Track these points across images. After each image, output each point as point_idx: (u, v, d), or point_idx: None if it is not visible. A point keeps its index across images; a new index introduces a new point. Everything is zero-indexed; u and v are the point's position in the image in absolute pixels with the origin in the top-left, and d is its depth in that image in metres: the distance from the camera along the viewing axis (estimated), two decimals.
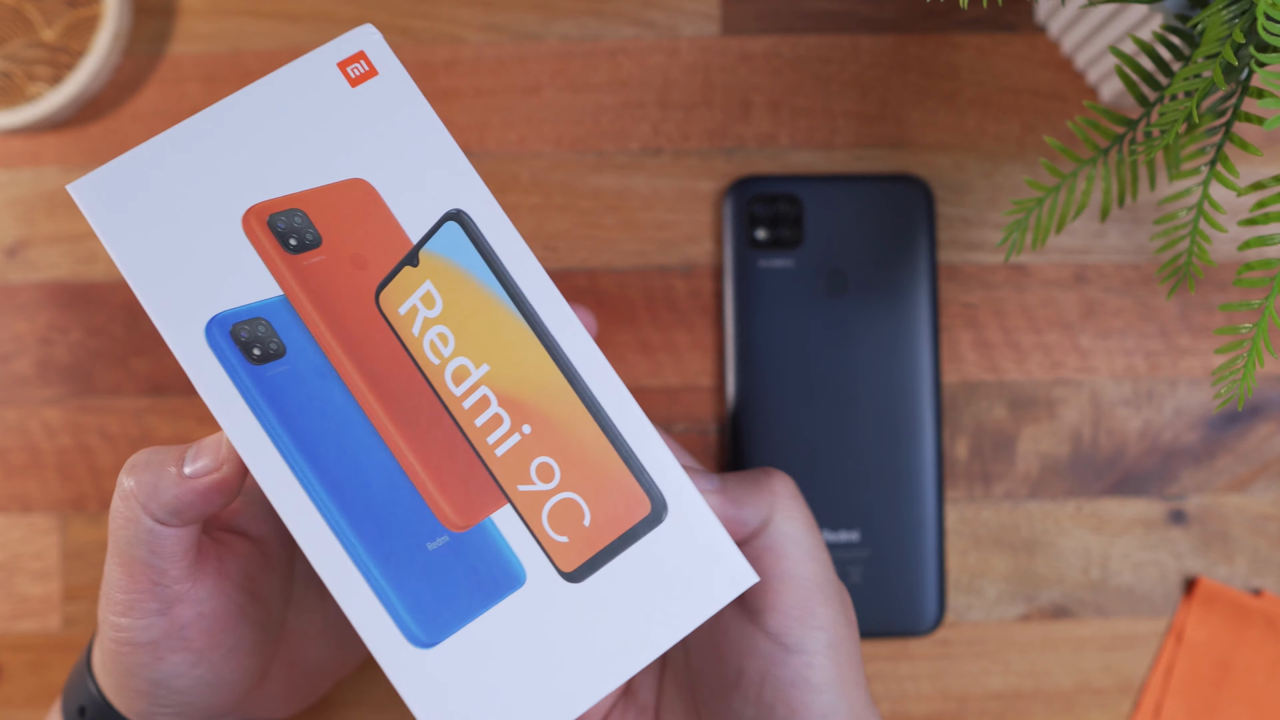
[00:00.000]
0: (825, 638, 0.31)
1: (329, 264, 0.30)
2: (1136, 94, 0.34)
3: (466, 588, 0.29)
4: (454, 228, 0.31)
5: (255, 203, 0.30)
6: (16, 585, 0.44)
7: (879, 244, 0.43)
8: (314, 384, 0.30)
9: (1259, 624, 0.43)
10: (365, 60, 0.31)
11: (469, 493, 0.30)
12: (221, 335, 0.29)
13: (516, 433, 0.30)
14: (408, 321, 0.30)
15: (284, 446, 0.29)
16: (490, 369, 0.30)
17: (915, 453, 0.43)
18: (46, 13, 0.45)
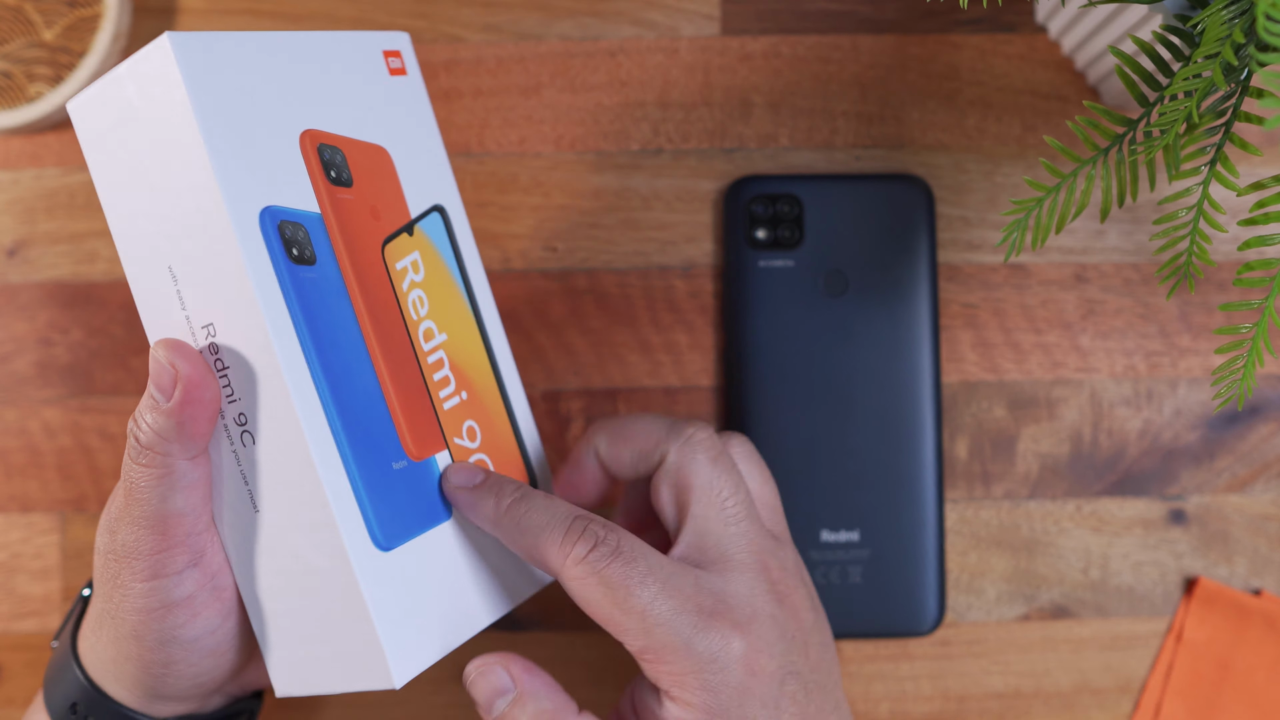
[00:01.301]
0: None
1: (355, 204, 0.34)
2: (1136, 94, 0.34)
3: (413, 509, 0.33)
4: (437, 218, 0.36)
5: (312, 127, 0.33)
6: (16, 585, 0.44)
7: (879, 244, 0.43)
8: (333, 298, 0.32)
9: (1259, 624, 0.43)
10: (400, 59, 0.36)
11: (424, 431, 0.34)
12: (272, 225, 0.31)
13: (457, 395, 0.35)
14: (401, 276, 0.34)
15: (305, 343, 0.31)
16: (448, 338, 0.36)
17: (915, 453, 0.43)
18: (47, 13, 0.45)
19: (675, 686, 0.31)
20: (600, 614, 0.31)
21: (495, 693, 0.32)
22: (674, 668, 0.31)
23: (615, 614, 0.31)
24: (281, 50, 0.32)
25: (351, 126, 0.34)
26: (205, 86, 0.30)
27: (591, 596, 0.31)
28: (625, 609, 0.31)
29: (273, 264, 0.30)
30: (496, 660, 0.32)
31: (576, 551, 0.31)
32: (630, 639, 0.31)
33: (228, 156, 0.30)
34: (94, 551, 0.34)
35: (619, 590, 0.31)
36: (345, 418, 0.31)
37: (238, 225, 0.30)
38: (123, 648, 0.33)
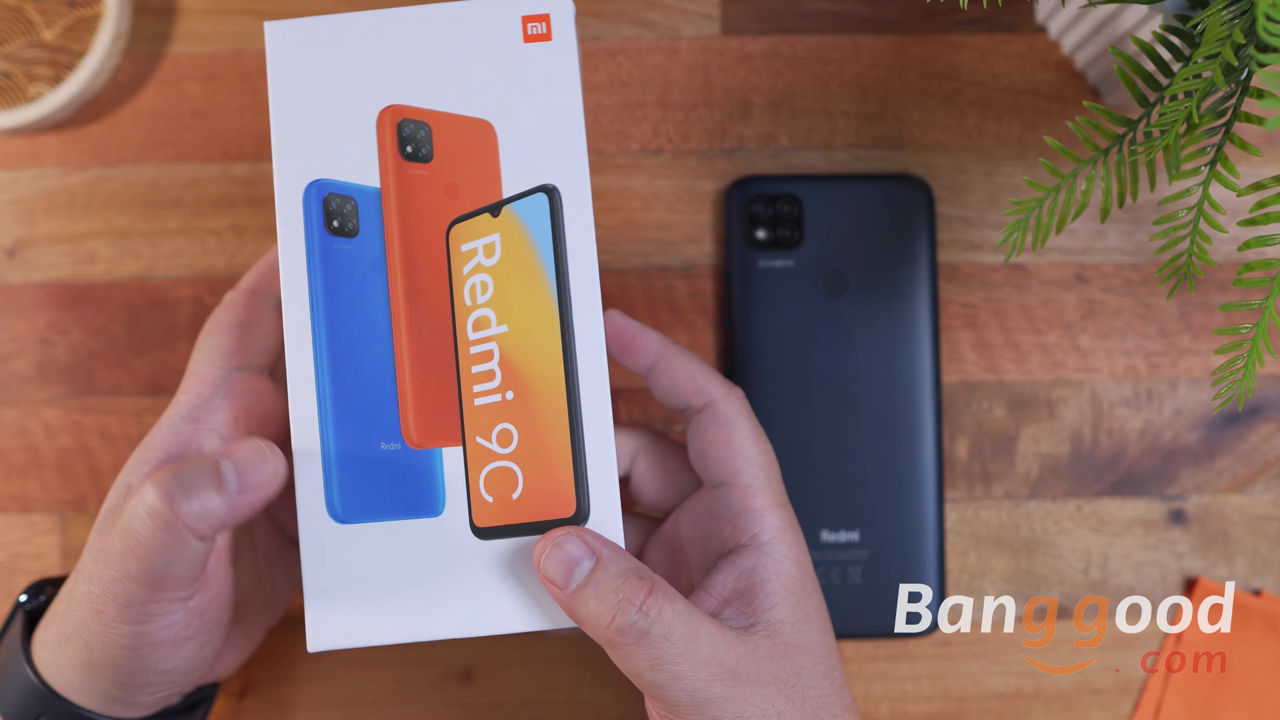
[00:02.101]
0: None
1: (427, 181, 0.33)
2: (1136, 94, 0.34)
3: (391, 493, 0.33)
4: (542, 200, 0.33)
5: (395, 102, 0.33)
6: (16, 585, 0.44)
7: (879, 244, 0.43)
8: (365, 272, 0.33)
9: (1259, 624, 0.43)
10: (547, 24, 0.34)
11: (437, 421, 0.33)
12: (316, 198, 0.33)
13: (500, 394, 0.33)
14: (465, 259, 0.33)
15: (316, 308, 0.33)
16: (508, 330, 0.33)
17: (915, 453, 0.43)
18: (46, 13, 0.45)
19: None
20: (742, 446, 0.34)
21: (572, 562, 0.30)
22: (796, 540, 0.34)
23: (766, 456, 0.34)
24: (387, 27, 0.33)
25: (454, 98, 0.33)
26: (287, 70, 0.33)
27: (746, 430, 0.34)
28: (767, 452, 0.35)
29: (306, 232, 0.33)
30: (565, 532, 0.31)
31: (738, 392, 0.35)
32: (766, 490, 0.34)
33: (289, 133, 0.33)
34: (82, 556, 0.34)
35: (764, 438, 0.35)
36: (337, 387, 0.33)
37: (281, 194, 0.33)
38: (95, 669, 0.33)
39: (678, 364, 0.35)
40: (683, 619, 0.30)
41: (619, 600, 0.29)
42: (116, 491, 0.33)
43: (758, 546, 0.33)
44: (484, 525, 0.32)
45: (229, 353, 0.35)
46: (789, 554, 0.33)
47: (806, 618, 0.33)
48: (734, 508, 0.34)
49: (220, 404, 0.34)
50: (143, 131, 0.45)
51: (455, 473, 0.33)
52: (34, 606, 0.37)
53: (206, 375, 0.35)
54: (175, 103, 0.45)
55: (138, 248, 0.45)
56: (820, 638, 0.33)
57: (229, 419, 0.34)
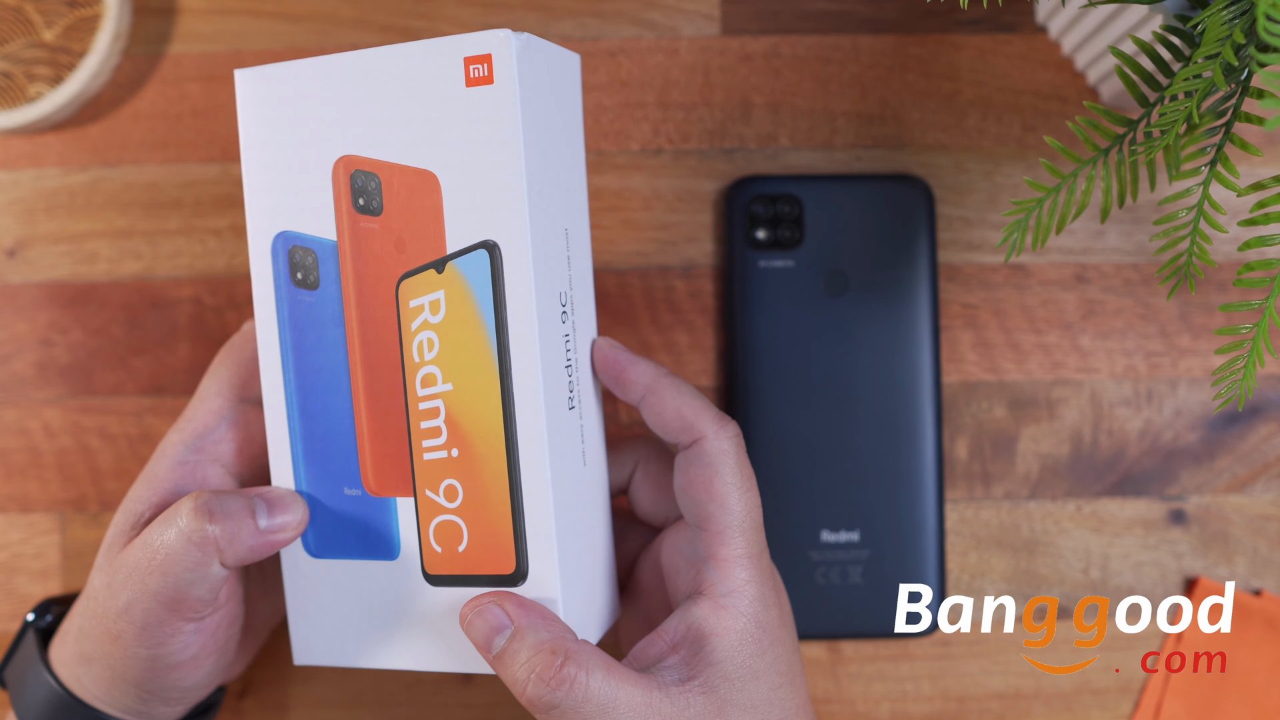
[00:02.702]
0: None
1: (378, 235, 0.33)
2: (1136, 94, 0.34)
3: (354, 536, 0.34)
4: (483, 256, 0.32)
5: (351, 152, 0.33)
6: (16, 585, 0.44)
7: (879, 244, 0.43)
8: (328, 326, 0.34)
9: (1259, 624, 0.43)
10: (489, 65, 0.31)
11: (391, 473, 0.34)
12: (283, 250, 0.34)
13: (445, 450, 0.33)
14: (413, 315, 0.33)
15: (287, 360, 0.34)
16: (453, 389, 0.33)
17: (915, 453, 0.43)
18: (46, 13, 0.45)
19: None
20: (717, 488, 0.33)
21: (492, 630, 0.31)
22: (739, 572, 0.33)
23: (732, 497, 0.33)
24: (343, 72, 0.32)
25: (397, 147, 0.32)
26: (255, 118, 0.34)
27: (725, 471, 0.33)
28: (744, 497, 0.33)
29: (274, 284, 0.34)
30: (490, 599, 0.32)
31: (730, 429, 0.34)
32: (723, 527, 0.33)
33: (260, 183, 0.34)
34: (91, 578, 0.34)
35: (747, 479, 0.34)
36: (306, 434, 0.34)
37: (254, 245, 0.34)
38: (119, 686, 0.34)
39: (667, 398, 0.34)
40: (598, 689, 0.30)
41: (530, 673, 0.30)
42: (124, 518, 0.34)
43: (714, 598, 0.32)
44: (434, 573, 0.34)
45: (239, 386, 0.36)
46: (746, 609, 0.32)
47: (753, 675, 0.32)
48: (701, 553, 0.33)
49: (225, 435, 0.35)
50: (143, 131, 0.45)
51: (408, 520, 0.34)
52: (43, 625, 0.38)
53: (214, 406, 0.35)
54: (175, 103, 0.45)
55: (138, 248, 0.45)
56: (769, 694, 0.32)
57: (233, 450, 0.35)
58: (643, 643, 0.33)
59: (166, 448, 0.35)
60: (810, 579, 0.43)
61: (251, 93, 0.34)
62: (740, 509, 0.33)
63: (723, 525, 0.33)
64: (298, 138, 0.33)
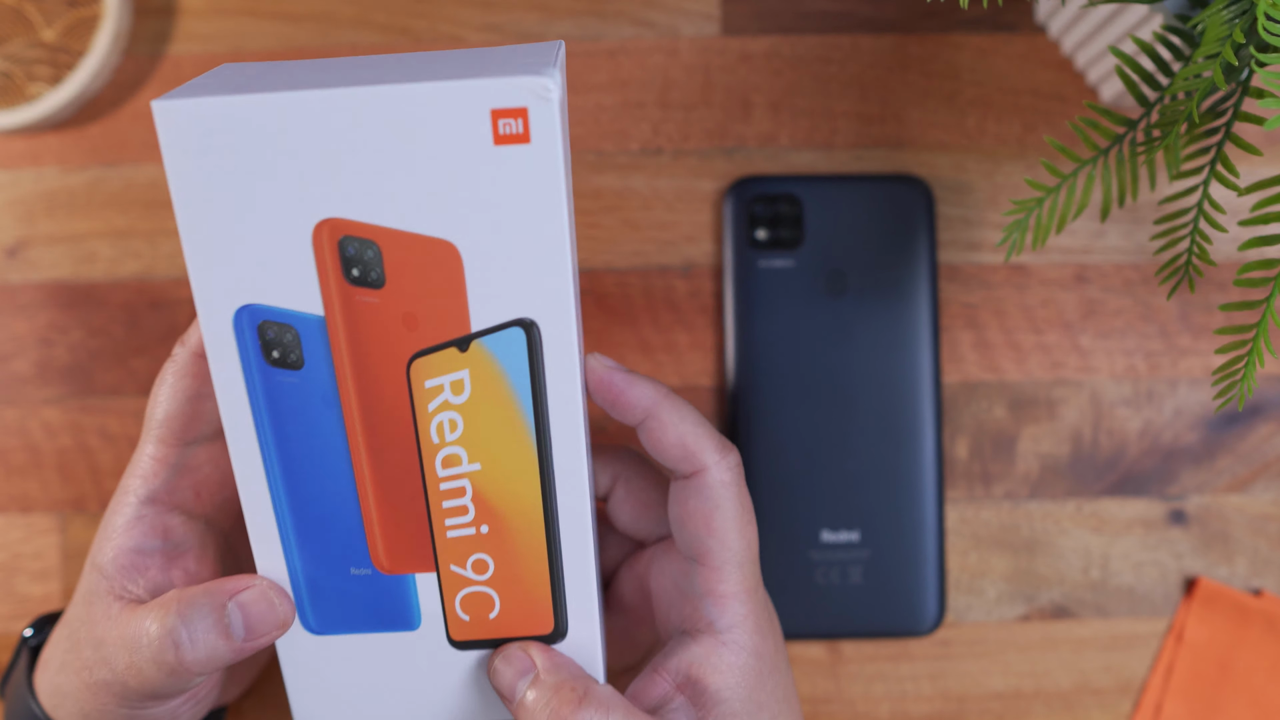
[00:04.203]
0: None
1: (379, 310, 0.28)
2: (1136, 94, 0.34)
3: (367, 612, 0.32)
4: (519, 335, 0.29)
5: (336, 216, 0.27)
6: (16, 585, 0.44)
7: (879, 244, 0.43)
8: (315, 406, 0.30)
9: (1259, 624, 0.43)
10: (524, 120, 0.26)
11: (407, 550, 0.31)
12: (249, 326, 0.28)
13: (474, 528, 0.31)
14: (429, 396, 0.30)
15: (265, 444, 0.30)
16: (481, 469, 0.30)
17: (915, 453, 0.43)
18: (46, 13, 0.45)
19: None
20: (716, 522, 0.32)
21: (517, 675, 0.31)
22: (737, 608, 0.33)
23: (732, 532, 0.32)
24: (321, 113, 0.26)
25: (408, 212, 0.27)
26: (187, 166, 0.26)
27: (726, 505, 0.32)
28: (743, 531, 0.32)
29: (242, 363, 0.29)
30: (518, 646, 0.32)
31: (731, 459, 0.32)
32: (721, 562, 0.32)
33: (204, 246, 0.27)
34: (73, 614, 0.34)
35: (747, 512, 0.33)
36: (298, 517, 0.31)
37: (207, 322, 0.28)
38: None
39: (668, 423, 0.32)
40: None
41: (549, 714, 0.30)
42: (92, 576, 0.33)
43: (714, 634, 0.32)
44: (460, 639, 0.32)
45: (181, 430, 0.33)
46: (746, 643, 0.32)
47: (758, 708, 0.32)
48: (699, 588, 0.33)
49: (179, 483, 0.33)
50: (143, 131, 0.45)
51: (429, 592, 0.32)
52: (39, 642, 0.38)
53: (157, 455, 0.33)
54: None
55: (138, 248, 0.45)
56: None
57: (191, 496, 0.33)
58: (642, 681, 0.33)
59: (121, 501, 0.33)
60: (810, 579, 0.43)
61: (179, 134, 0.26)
62: (739, 545, 0.32)
63: (721, 561, 0.32)
64: (255, 192, 0.27)
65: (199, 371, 0.32)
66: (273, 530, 0.31)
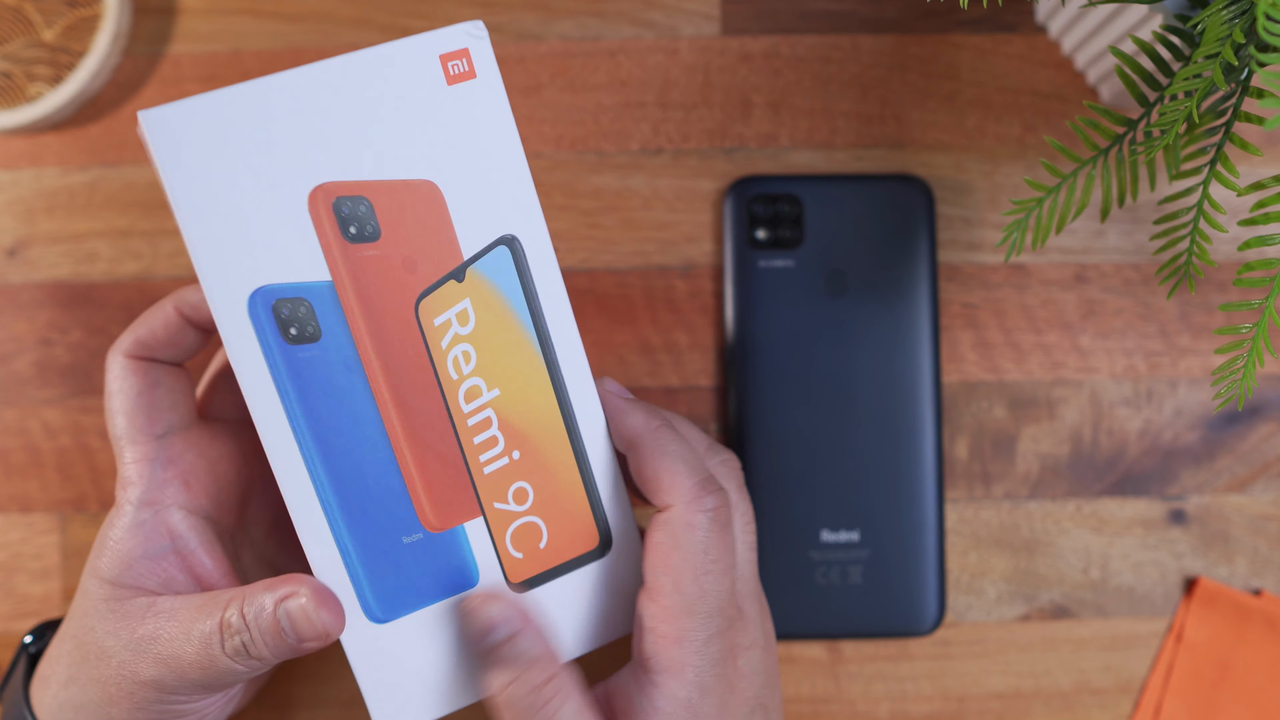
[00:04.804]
0: None
1: (381, 260, 0.30)
2: (1136, 94, 0.34)
3: (427, 580, 0.32)
4: (504, 253, 0.31)
5: (325, 181, 0.29)
6: (16, 585, 0.44)
7: (879, 244, 0.43)
8: (340, 375, 0.30)
9: (1259, 624, 0.43)
10: (467, 59, 0.30)
11: (451, 500, 0.32)
12: (264, 309, 0.29)
13: (506, 456, 0.32)
14: (440, 333, 0.31)
15: (298, 426, 0.30)
16: (500, 394, 0.32)
17: (915, 453, 0.43)
18: (46, 13, 0.45)
19: None
20: (676, 562, 0.31)
21: (493, 624, 0.31)
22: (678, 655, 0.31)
23: (687, 577, 0.31)
24: (294, 92, 0.29)
25: (385, 162, 0.30)
26: (181, 168, 0.28)
27: (688, 547, 0.31)
28: (698, 579, 0.31)
29: (262, 348, 0.30)
30: (499, 597, 0.32)
31: (705, 502, 0.31)
32: (671, 604, 0.31)
33: (208, 241, 0.29)
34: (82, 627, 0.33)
35: (710, 561, 0.31)
36: (342, 496, 0.31)
37: (222, 312, 0.29)
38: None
39: (647, 456, 0.32)
40: (572, 715, 0.30)
41: (519, 673, 0.30)
42: (98, 588, 0.32)
43: (646, 673, 0.31)
44: (518, 580, 0.33)
45: (144, 428, 0.33)
46: (677, 692, 0.31)
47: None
48: (646, 621, 0.32)
49: (164, 477, 0.33)
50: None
51: (481, 540, 0.32)
52: (38, 649, 0.37)
53: (136, 455, 0.33)
54: None
55: (138, 248, 0.45)
56: None
57: (181, 489, 0.33)
58: None
59: (115, 514, 0.33)
60: (810, 579, 0.43)
61: (169, 139, 0.28)
62: (693, 592, 0.31)
63: (669, 602, 0.31)
64: (248, 177, 0.29)
65: (139, 370, 0.33)
66: (320, 520, 0.31)
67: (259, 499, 0.37)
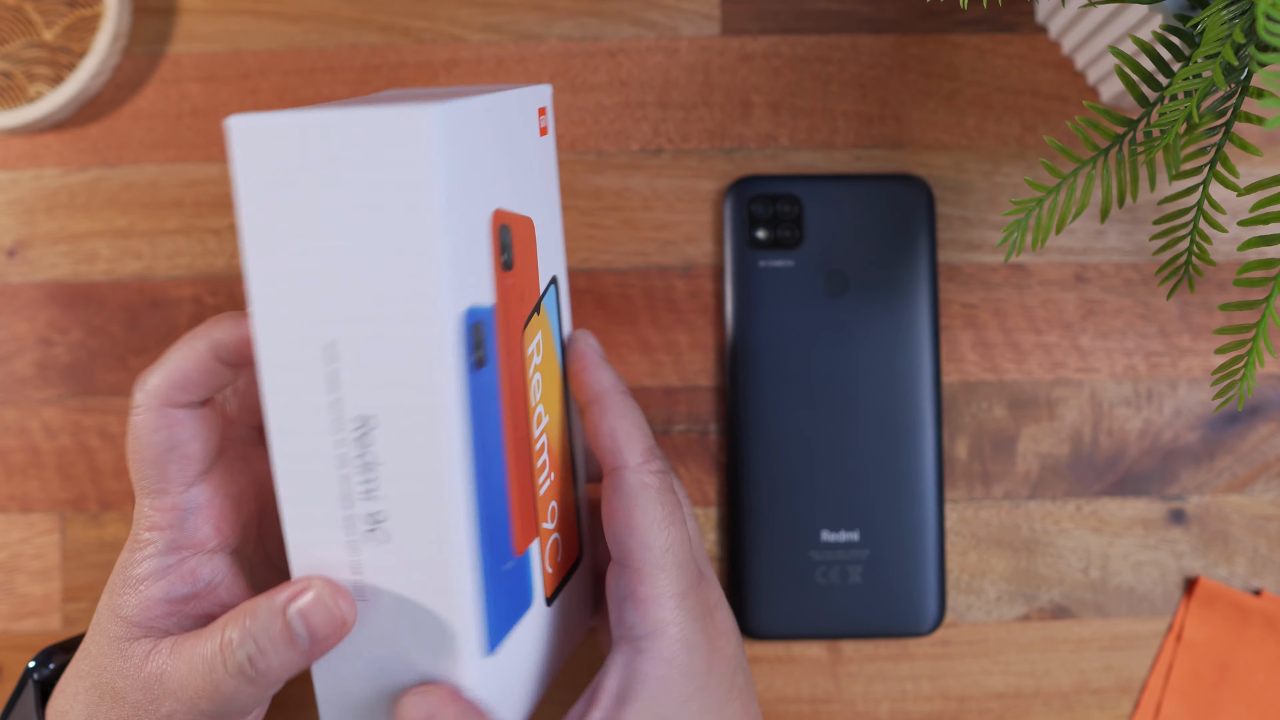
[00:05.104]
0: None
1: (514, 289, 0.30)
2: (1136, 94, 0.34)
3: (510, 605, 0.31)
4: (553, 291, 0.34)
5: (499, 207, 0.29)
6: (16, 585, 0.44)
7: (879, 244, 0.43)
8: (490, 401, 0.29)
9: (1259, 624, 0.43)
10: (546, 116, 0.34)
11: (528, 523, 0.32)
12: (468, 327, 0.27)
13: (548, 478, 0.33)
14: (529, 361, 0.32)
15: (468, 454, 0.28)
16: (549, 421, 0.33)
17: (915, 453, 0.43)
18: (46, 13, 0.45)
19: None
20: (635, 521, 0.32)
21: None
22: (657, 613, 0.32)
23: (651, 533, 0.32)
24: (479, 115, 0.28)
25: (510, 197, 0.30)
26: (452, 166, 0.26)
27: (644, 505, 0.32)
28: (662, 532, 0.32)
29: (460, 377, 0.27)
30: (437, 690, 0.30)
31: (655, 464, 0.33)
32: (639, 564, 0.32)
33: (453, 249, 0.26)
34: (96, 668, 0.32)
35: (667, 515, 0.32)
36: (483, 531, 0.29)
37: (444, 329, 0.26)
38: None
39: (608, 412, 0.32)
40: None
41: None
42: (116, 626, 0.31)
43: (633, 641, 0.31)
44: (549, 593, 0.34)
45: (175, 477, 0.31)
46: (666, 653, 0.31)
47: (671, 718, 0.31)
48: (623, 591, 0.32)
49: (194, 524, 0.32)
50: (143, 131, 0.45)
51: (537, 560, 0.32)
52: (43, 676, 0.36)
53: (164, 506, 0.31)
54: (175, 103, 0.45)
55: (138, 248, 0.45)
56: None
57: (211, 531, 0.32)
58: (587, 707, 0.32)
59: (138, 553, 0.32)
60: (810, 579, 0.43)
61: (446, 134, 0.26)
62: (661, 543, 0.31)
63: (642, 561, 0.31)
64: (470, 189, 0.28)
65: (168, 420, 0.31)
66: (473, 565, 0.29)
67: (271, 514, 0.36)
